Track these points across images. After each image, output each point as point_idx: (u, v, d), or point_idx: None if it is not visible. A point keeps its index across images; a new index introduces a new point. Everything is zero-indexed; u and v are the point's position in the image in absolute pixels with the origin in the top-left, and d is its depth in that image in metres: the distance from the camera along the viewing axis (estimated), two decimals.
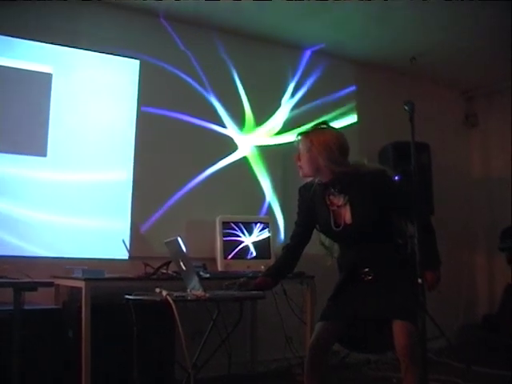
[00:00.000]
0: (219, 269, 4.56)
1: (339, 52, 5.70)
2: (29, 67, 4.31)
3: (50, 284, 3.39)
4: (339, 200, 2.86)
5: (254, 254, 4.73)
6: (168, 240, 3.02)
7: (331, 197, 2.88)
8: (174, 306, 2.76)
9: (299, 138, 2.90)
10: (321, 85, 5.63)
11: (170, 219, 4.71)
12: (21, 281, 3.23)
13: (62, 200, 4.35)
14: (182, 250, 2.95)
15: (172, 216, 4.74)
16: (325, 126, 2.91)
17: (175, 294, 2.86)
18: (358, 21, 5.03)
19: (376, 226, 2.79)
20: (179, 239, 2.92)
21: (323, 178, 2.87)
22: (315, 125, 2.93)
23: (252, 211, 5.08)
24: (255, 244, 4.75)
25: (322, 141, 2.81)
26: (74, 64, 4.50)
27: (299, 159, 2.89)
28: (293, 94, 5.51)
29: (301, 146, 2.88)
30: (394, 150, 5.47)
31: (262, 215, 5.12)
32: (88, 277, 3.72)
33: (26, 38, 4.28)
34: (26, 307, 3.25)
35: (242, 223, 4.77)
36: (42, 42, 4.35)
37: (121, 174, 4.62)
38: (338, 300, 2.88)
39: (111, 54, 4.64)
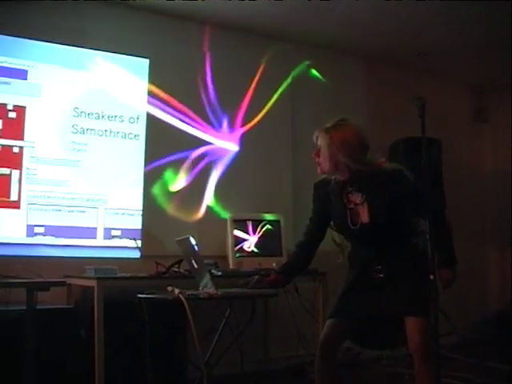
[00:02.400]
0: (231, 267, 4.57)
1: (349, 48, 5.68)
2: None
3: (63, 283, 3.41)
4: (357, 198, 2.83)
5: (266, 251, 4.72)
6: (180, 238, 3.00)
7: (349, 195, 2.84)
8: (186, 304, 2.75)
9: (319, 133, 2.84)
10: (330, 81, 5.61)
11: (181, 217, 4.71)
12: (33, 280, 3.24)
13: None
14: (194, 249, 2.94)
15: (183, 214, 4.74)
16: (344, 121, 2.84)
17: (187, 292, 2.85)
18: (368, 16, 5.00)
19: (392, 225, 2.76)
20: (191, 238, 2.91)
21: (341, 175, 2.83)
22: (335, 121, 2.85)
23: (263, 208, 5.07)
24: (267, 241, 4.74)
25: (342, 136, 2.76)
26: (81, 63, 4.50)
27: (318, 155, 2.83)
28: (299, 91, 5.50)
29: (320, 142, 2.82)
30: (404, 146, 5.45)
31: (274, 212, 5.10)
32: (100, 276, 3.73)
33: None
34: (38, 307, 3.25)
35: (254, 221, 4.77)
36: (49, 42, 4.36)
37: (131, 172, 4.63)
38: (347, 297, 2.86)
39: (120, 53, 4.64)
